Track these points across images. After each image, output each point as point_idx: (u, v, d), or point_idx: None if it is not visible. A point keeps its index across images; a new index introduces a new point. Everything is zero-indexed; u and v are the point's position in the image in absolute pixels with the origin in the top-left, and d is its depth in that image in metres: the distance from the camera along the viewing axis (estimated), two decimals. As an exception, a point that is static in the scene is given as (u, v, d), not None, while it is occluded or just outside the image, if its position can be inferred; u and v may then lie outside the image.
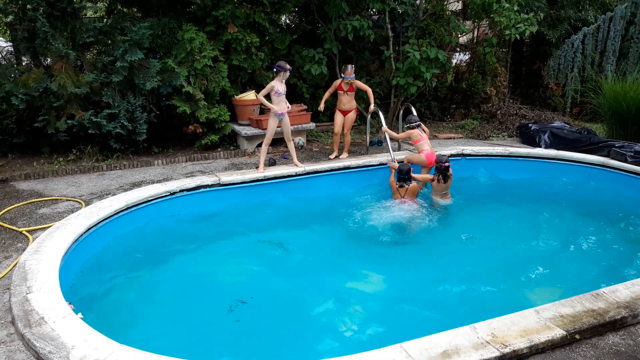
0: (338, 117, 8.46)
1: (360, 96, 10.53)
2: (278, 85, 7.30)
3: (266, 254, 5.92)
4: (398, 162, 7.41)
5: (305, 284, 5.18)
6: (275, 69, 7.37)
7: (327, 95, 8.53)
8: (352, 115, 8.44)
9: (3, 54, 9.57)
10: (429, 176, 7.26)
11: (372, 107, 8.22)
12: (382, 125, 8.01)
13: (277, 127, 7.56)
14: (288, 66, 7.32)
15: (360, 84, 8.31)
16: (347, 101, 8.34)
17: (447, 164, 7.03)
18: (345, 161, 8.01)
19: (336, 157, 8.42)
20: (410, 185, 6.95)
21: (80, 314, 3.78)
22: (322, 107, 8.42)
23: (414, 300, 4.85)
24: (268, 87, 7.31)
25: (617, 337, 3.62)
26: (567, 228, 6.54)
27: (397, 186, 7.02)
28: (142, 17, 9.36)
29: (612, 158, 7.81)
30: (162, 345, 4.00)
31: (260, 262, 5.70)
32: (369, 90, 8.24)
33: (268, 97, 7.34)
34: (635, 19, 11.05)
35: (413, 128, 7.60)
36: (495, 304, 4.65)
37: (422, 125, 7.76)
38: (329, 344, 4.22)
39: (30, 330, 3.51)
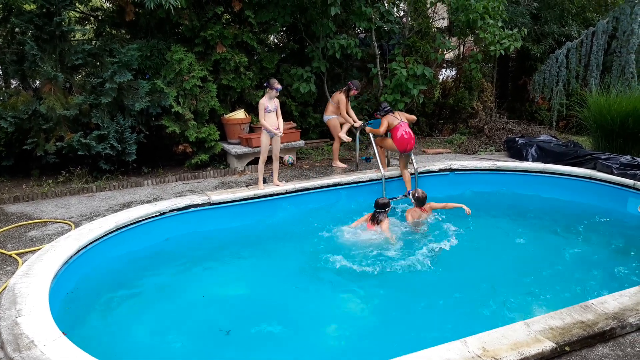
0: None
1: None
2: (267, 103, 7.37)
3: (257, 273, 5.91)
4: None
5: (295, 303, 5.18)
6: (264, 85, 7.52)
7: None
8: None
9: (-9, 77, 9.59)
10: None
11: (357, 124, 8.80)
12: (366, 132, 8.46)
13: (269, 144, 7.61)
14: (276, 85, 7.37)
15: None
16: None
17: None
18: (335, 178, 8.03)
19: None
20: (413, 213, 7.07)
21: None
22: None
23: (404, 316, 4.86)
24: (260, 106, 7.36)
25: (606, 348, 3.65)
26: (555, 240, 6.60)
27: (369, 218, 6.72)
28: (131, 39, 9.43)
29: (599, 170, 7.90)
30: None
31: (251, 281, 5.70)
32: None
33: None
34: (617, 33, 11.27)
35: (388, 113, 7.91)
36: (485, 317, 4.68)
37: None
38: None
39: (19, 355, 3.48)
